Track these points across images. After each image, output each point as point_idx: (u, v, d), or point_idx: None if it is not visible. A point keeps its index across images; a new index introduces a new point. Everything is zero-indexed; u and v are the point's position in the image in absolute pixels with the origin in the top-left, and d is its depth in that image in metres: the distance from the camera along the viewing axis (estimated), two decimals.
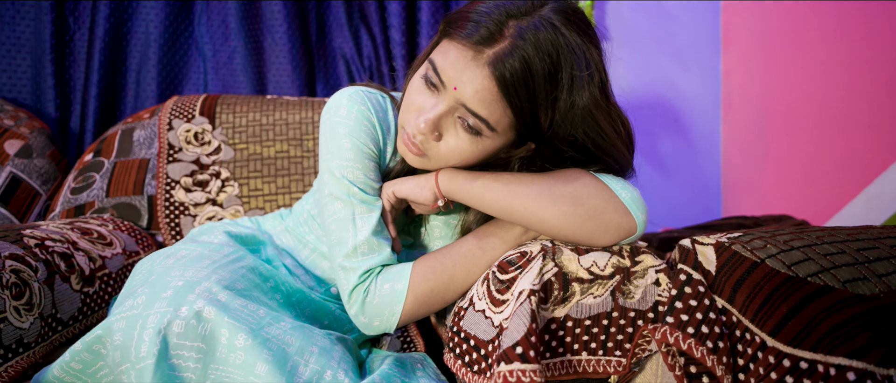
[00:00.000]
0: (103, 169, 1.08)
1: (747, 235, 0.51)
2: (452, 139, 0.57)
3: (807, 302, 0.42)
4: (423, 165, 0.61)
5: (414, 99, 0.59)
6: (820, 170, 1.31)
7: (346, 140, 0.62)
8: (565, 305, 0.51)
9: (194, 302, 0.50)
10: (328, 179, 0.63)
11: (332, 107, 0.64)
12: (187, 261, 0.58)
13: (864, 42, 1.22)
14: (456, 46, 0.55)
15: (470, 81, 0.53)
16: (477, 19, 0.54)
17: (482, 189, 0.59)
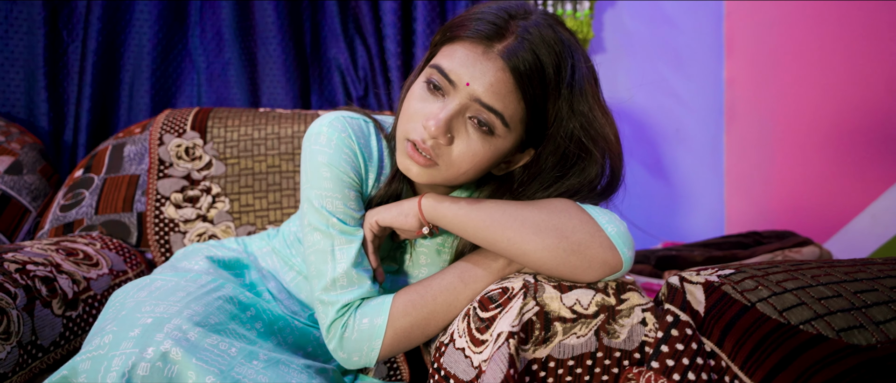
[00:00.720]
0: (93, 185, 1.07)
1: (739, 273, 0.49)
2: (464, 141, 0.55)
3: (798, 353, 0.40)
4: (430, 178, 0.57)
5: (417, 107, 0.57)
6: (826, 184, 1.27)
7: (326, 169, 0.60)
8: (547, 345, 0.49)
9: (162, 342, 0.49)
10: (308, 209, 0.61)
11: (313, 135, 0.62)
12: (160, 294, 0.56)
13: (871, 53, 1.18)
14: (463, 46, 0.55)
15: (483, 74, 0.54)
16: (482, 18, 0.55)
17: (466, 216, 0.57)
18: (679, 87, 1.59)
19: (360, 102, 1.40)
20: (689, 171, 1.61)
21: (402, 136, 0.58)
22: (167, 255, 1.04)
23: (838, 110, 1.25)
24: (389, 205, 0.62)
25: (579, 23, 1.35)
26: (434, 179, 0.57)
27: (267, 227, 1.10)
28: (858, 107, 1.21)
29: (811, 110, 1.34)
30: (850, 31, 1.24)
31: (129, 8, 1.30)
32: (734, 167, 1.57)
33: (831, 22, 1.29)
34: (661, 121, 1.59)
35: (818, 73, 1.32)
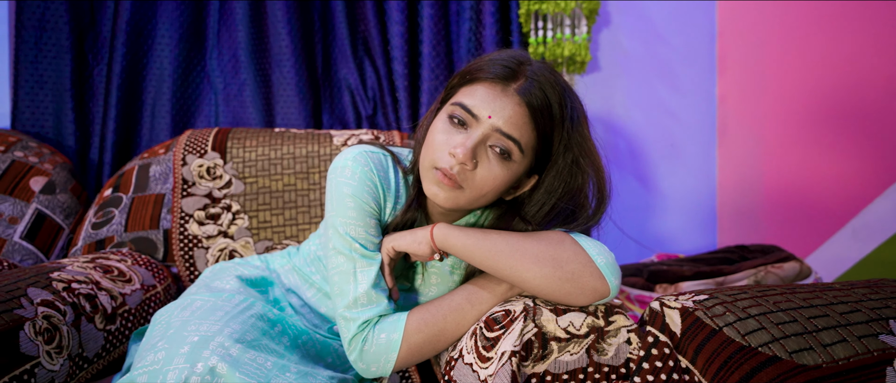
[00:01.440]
0: (122, 204, 1.14)
1: (711, 299, 0.56)
2: (486, 167, 0.64)
3: (756, 372, 0.47)
4: (455, 201, 0.65)
5: (442, 139, 0.65)
6: (811, 200, 1.34)
7: (350, 199, 0.67)
8: (544, 362, 0.56)
9: (209, 358, 0.56)
10: (332, 235, 0.68)
11: (339, 168, 0.70)
12: (202, 314, 0.64)
13: (856, 75, 1.25)
14: (483, 85, 0.65)
15: (502, 109, 0.63)
16: (497, 63, 0.66)
17: (473, 246, 0.64)
18: (673, 103, 1.67)
19: (369, 121, 1.47)
20: (682, 185, 1.68)
21: (429, 166, 0.65)
22: (191, 269, 1.11)
23: (823, 130, 1.32)
24: (404, 232, 0.70)
25: (577, 46, 1.43)
26: (458, 202, 0.65)
27: (283, 242, 1.17)
28: (841, 127, 1.28)
29: (798, 128, 1.41)
30: (837, 53, 1.31)
31: (152, 33, 1.37)
32: (726, 181, 1.64)
33: (819, 43, 1.36)
34: (656, 136, 1.66)
35: (806, 91, 1.39)
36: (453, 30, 1.47)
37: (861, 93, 1.23)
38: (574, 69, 1.49)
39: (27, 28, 1.30)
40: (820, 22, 1.35)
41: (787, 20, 1.44)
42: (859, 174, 1.21)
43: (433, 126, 0.67)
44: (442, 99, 0.71)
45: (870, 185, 1.18)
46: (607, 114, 1.64)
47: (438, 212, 0.73)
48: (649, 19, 1.63)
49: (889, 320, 0.52)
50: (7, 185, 1.09)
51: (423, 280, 0.75)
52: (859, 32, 1.25)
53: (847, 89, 1.27)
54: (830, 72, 1.32)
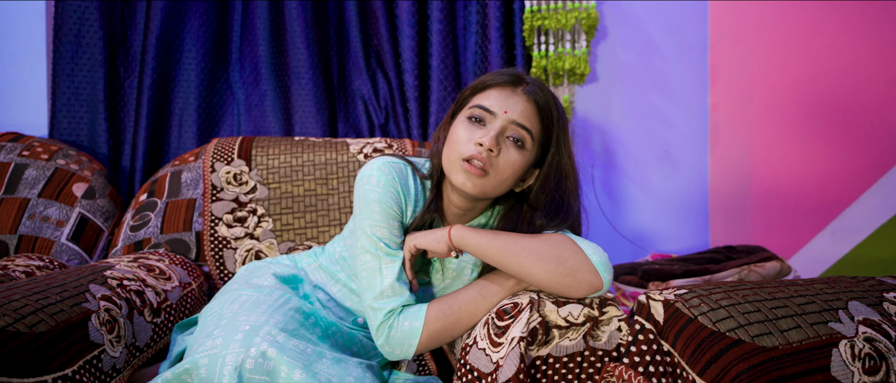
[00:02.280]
0: (157, 208, 1.24)
1: (690, 293, 0.65)
2: (505, 154, 0.75)
3: (724, 352, 0.57)
4: (481, 187, 0.75)
5: (465, 135, 0.76)
6: (795, 203, 1.44)
7: (376, 205, 0.77)
8: (547, 346, 0.66)
9: (260, 344, 0.65)
10: (360, 235, 0.78)
11: (365, 177, 0.80)
12: (249, 306, 0.73)
13: (835, 89, 1.35)
14: (495, 90, 0.78)
15: (515, 104, 0.76)
16: (504, 74, 0.80)
17: (486, 245, 0.74)
18: (667, 111, 1.76)
19: (382, 130, 1.57)
20: (676, 188, 1.77)
21: (455, 159, 0.76)
22: (221, 268, 1.21)
23: (806, 138, 1.42)
24: (425, 231, 0.79)
25: (577, 59, 1.52)
26: (484, 188, 0.75)
27: (305, 243, 1.27)
28: (823, 135, 1.37)
29: (784, 135, 1.50)
30: (819, 66, 1.40)
31: (180, 48, 1.47)
32: (717, 185, 1.73)
33: (804, 56, 1.45)
34: (652, 143, 1.76)
35: (792, 101, 1.48)
36: (460, 44, 1.57)
37: (840, 104, 1.33)
38: (574, 80, 1.59)
39: (65, 44, 1.40)
40: (806, 34, 1.44)
41: (776, 32, 1.53)
42: (838, 180, 1.30)
43: (454, 129, 0.79)
44: (454, 110, 0.82)
45: (847, 190, 1.28)
46: (605, 122, 1.74)
47: (453, 214, 0.83)
48: (644, 32, 1.72)
49: (839, 310, 0.62)
50: (53, 191, 1.18)
51: (441, 275, 0.85)
52: (839, 46, 1.34)
53: (828, 101, 1.36)
54: (813, 84, 1.41)
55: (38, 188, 1.17)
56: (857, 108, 1.30)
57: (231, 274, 1.20)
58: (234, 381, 0.62)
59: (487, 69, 1.56)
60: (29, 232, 1.12)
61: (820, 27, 1.40)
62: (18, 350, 0.63)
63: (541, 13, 1.50)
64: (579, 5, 1.49)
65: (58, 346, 0.68)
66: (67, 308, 0.74)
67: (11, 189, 1.15)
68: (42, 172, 1.20)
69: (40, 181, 1.18)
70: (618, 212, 1.73)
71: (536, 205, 0.78)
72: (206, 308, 0.79)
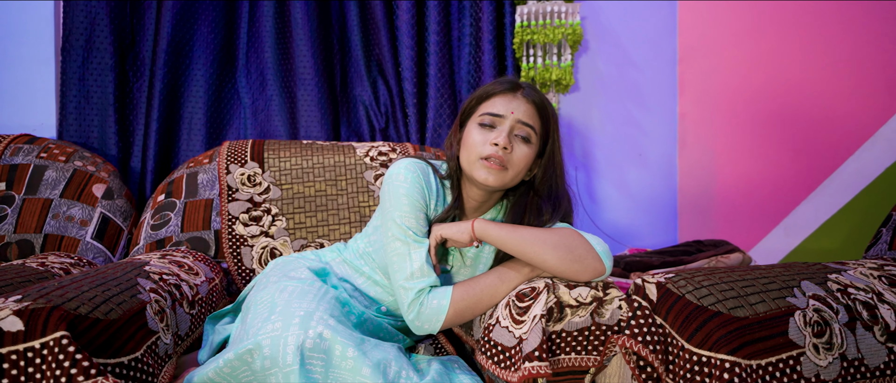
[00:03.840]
0: (176, 208, 1.30)
1: (677, 276, 0.79)
2: (517, 150, 0.89)
3: (706, 321, 0.71)
4: (502, 180, 0.89)
5: (479, 138, 0.89)
6: (753, 202, 1.63)
7: (405, 198, 0.89)
8: (561, 323, 0.78)
9: (316, 326, 0.75)
10: (391, 225, 0.89)
11: (394, 175, 0.91)
12: (298, 295, 0.83)
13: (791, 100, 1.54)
14: (498, 97, 0.91)
15: (519, 106, 0.90)
16: (503, 83, 0.93)
17: (505, 236, 0.86)
18: (641, 119, 1.93)
19: (382, 134, 1.66)
20: (649, 188, 1.94)
21: (475, 159, 0.89)
22: (239, 265, 1.28)
23: (763, 146, 1.61)
24: (450, 223, 0.91)
25: (563, 71, 1.66)
26: (504, 181, 0.89)
27: (316, 241, 1.36)
28: (778, 141, 1.56)
29: (744, 141, 1.69)
30: (777, 81, 1.59)
31: (189, 54, 1.52)
32: (685, 186, 1.91)
33: (763, 71, 1.64)
34: (627, 146, 1.92)
35: (751, 111, 1.67)
36: (455, 54, 1.68)
37: (791, 115, 1.52)
38: (560, 90, 1.73)
39: (74, 47, 1.44)
40: (764, 52, 1.63)
41: (738, 49, 1.72)
42: (789, 181, 1.49)
43: (467, 134, 0.92)
44: (461, 120, 0.96)
45: (797, 191, 1.46)
46: (586, 127, 1.89)
47: (471, 207, 0.96)
48: (621, 47, 1.89)
49: (794, 288, 0.77)
50: (74, 191, 1.23)
51: (460, 262, 0.97)
52: (793, 64, 1.53)
53: (781, 112, 1.55)
54: (769, 96, 1.60)
55: (59, 189, 1.22)
56: (806, 118, 1.49)
57: (248, 270, 1.28)
58: (297, 358, 0.72)
59: (480, 78, 1.68)
60: (54, 231, 1.17)
61: (777, 45, 1.59)
62: (100, 334, 0.71)
63: (530, 28, 1.64)
64: (565, 22, 1.63)
65: (128, 332, 0.76)
66: (127, 298, 0.82)
67: (33, 190, 1.19)
68: (61, 174, 1.24)
69: (61, 182, 1.23)
70: (597, 210, 1.89)
71: (540, 190, 0.93)
72: (251, 298, 0.88)
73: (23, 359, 0.63)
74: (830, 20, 1.44)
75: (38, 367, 0.63)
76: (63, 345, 0.64)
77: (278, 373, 0.72)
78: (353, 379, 0.73)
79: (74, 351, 0.64)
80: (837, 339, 0.72)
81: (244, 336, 0.80)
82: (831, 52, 1.42)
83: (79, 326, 0.68)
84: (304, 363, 0.72)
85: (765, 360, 0.69)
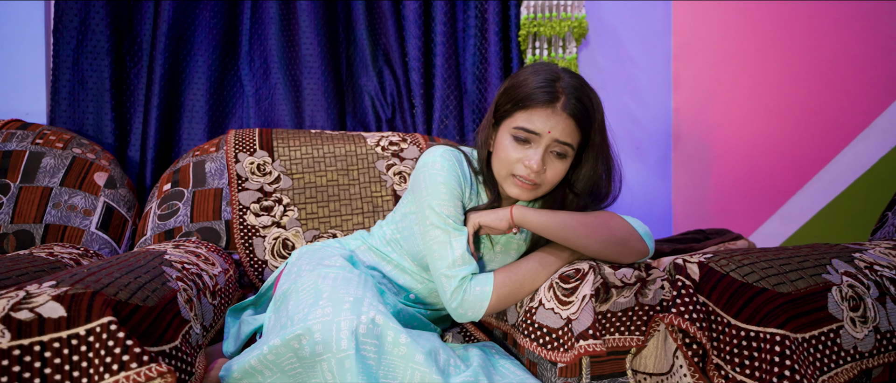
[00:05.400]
0: (184, 197, 1.25)
1: (716, 256, 0.81)
2: (551, 167, 0.85)
3: (753, 298, 0.73)
4: (533, 195, 0.86)
5: (513, 154, 0.85)
6: (749, 192, 1.69)
7: (443, 186, 0.87)
8: (606, 303, 0.79)
9: (368, 312, 0.73)
10: (429, 213, 0.87)
11: (430, 163, 0.90)
12: (342, 282, 0.81)
13: (783, 94, 1.60)
14: (536, 111, 0.83)
15: (557, 124, 0.83)
16: (540, 89, 0.83)
17: (546, 223, 0.86)
18: (638, 113, 1.98)
19: (389, 124, 1.65)
20: (645, 181, 1.99)
21: (506, 175, 0.87)
22: (251, 256, 1.24)
23: (757, 136, 1.67)
24: (487, 210, 0.90)
25: (567, 63, 1.68)
26: (536, 195, 0.87)
27: (329, 232, 1.33)
28: (773, 135, 1.62)
29: (737, 134, 1.75)
30: (770, 76, 1.66)
31: (191, 39, 1.47)
32: (680, 178, 1.97)
33: (756, 67, 1.70)
34: (624, 140, 1.96)
35: (744, 105, 1.73)
36: (461, 45, 1.68)
37: (785, 107, 1.58)
38: None
39: (68, 29, 1.36)
40: (758, 48, 1.69)
41: (732, 45, 1.78)
42: (786, 171, 1.56)
43: (500, 142, 0.88)
44: (496, 116, 0.90)
45: (793, 180, 1.53)
46: None
47: (507, 202, 0.94)
48: (620, 42, 1.93)
49: (826, 265, 0.80)
50: (75, 180, 1.16)
51: (491, 249, 0.96)
52: (785, 58, 1.60)
53: (777, 105, 1.62)
54: (763, 91, 1.67)
55: (58, 177, 1.15)
56: (801, 111, 1.56)
57: (260, 261, 1.24)
58: (353, 343, 0.70)
59: (486, 70, 1.68)
60: (56, 221, 1.11)
61: (770, 41, 1.66)
62: (142, 321, 0.67)
63: (537, 21, 1.65)
64: (571, 15, 1.66)
65: (166, 320, 0.72)
66: (159, 286, 0.78)
67: (29, 177, 1.13)
68: (60, 161, 1.17)
69: (60, 170, 1.16)
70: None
71: (578, 188, 0.91)
72: (287, 286, 0.85)
73: (67, 347, 0.60)
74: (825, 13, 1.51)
75: (83, 355, 0.60)
76: (112, 331, 0.60)
77: (331, 359, 0.70)
78: (406, 365, 0.72)
79: (124, 337, 0.60)
80: (871, 313, 0.76)
81: (287, 323, 0.78)
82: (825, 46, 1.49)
83: (121, 312, 0.65)
84: (360, 348, 0.70)
85: (808, 334, 0.72)
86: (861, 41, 1.42)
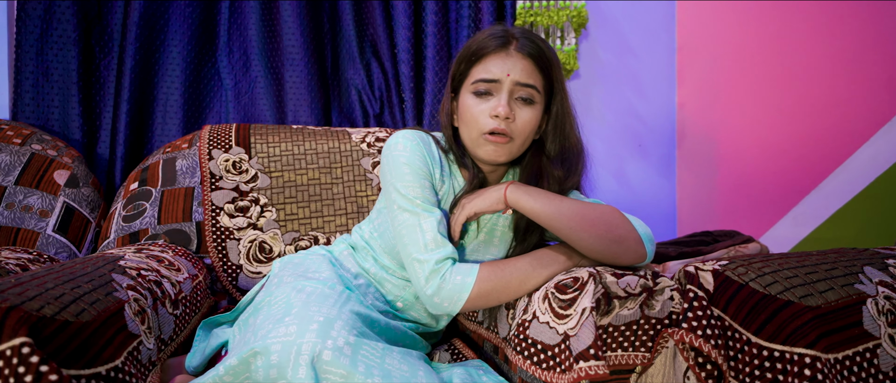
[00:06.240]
0: (152, 197, 1.16)
1: (732, 264, 0.72)
2: (520, 115, 0.79)
3: (777, 312, 0.64)
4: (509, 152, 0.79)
5: (477, 110, 0.79)
6: (759, 192, 1.59)
7: (406, 166, 0.80)
8: (608, 316, 0.70)
9: (336, 337, 0.64)
10: (396, 197, 0.80)
11: (392, 145, 0.83)
12: (317, 299, 0.71)
13: (795, 85, 1.51)
14: (490, 58, 0.79)
15: (514, 65, 0.79)
16: (492, 37, 0.81)
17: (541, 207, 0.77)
18: (640, 108, 1.88)
19: (377, 120, 1.55)
20: (648, 179, 1.90)
21: (477, 135, 0.80)
22: (225, 260, 1.15)
23: (767, 133, 1.58)
24: (477, 194, 0.81)
25: (567, 55, 1.59)
26: (512, 151, 0.79)
27: (310, 234, 1.24)
28: (783, 131, 1.53)
29: (746, 130, 1.66)
30: (778, 66, 1.56)
31: (164, 29, 1.38)
32: (684, 176, 1.88)
33: (765, 59, 1.61)
34: (626, 137, 1.87)
35: (753, 101, 1.64)
36: (453, 36, 1.59)
37: (799, 101, 1.49)
38: None
39: (32, 18, 1.27)
40: (767, 39, 1.60)
41: (739, 37, 1.69)
42: (798, 170, 1.46)
43: (463, 105, 0.82)
44: (453, 86, 0.86)
45: (806, 179, 1.44)
46: (586, 116, 1.83)
47: (487, 172, 0.87)
48: (621, 34, 1.83)
49: (858, 274, 0.71)
50: (32, 179, 1.07)
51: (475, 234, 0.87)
52: (798, 50, 1.50)
53: (789, 100, 1.52)
54: (774, 84, 1.57)
55: (13, 175, 1.06)
56: (816, 106, 1.47)
57: (235, 265, 1.15)
58: (310, 373, 0.60)
59: None
60: (8, 223, 1.02)
61: (781, 31, 1.56)
62: (71, 340, 0.58)
63: (533, 10, 1.56)
64: (570, 4, 1.56)
65: (104, 336, 0.63)
66: (102, 297, 0.69)
67: None
68: (16, 158, 1.08)
69: (16, 167, 1.07)
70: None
71: (551, 151, 0.83)
72: (262, 297, 0.76)
73: None
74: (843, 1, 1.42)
75: None
76: (24, 355, 0.51)
77: None
78: None
79: (39, 361, 0.51)
80: None
81: (251, 338, 0.69)
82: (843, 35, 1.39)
83: (43, 331, 0.55)
84: (318, 379, 0.61)
85: (841, 353, 0.62)
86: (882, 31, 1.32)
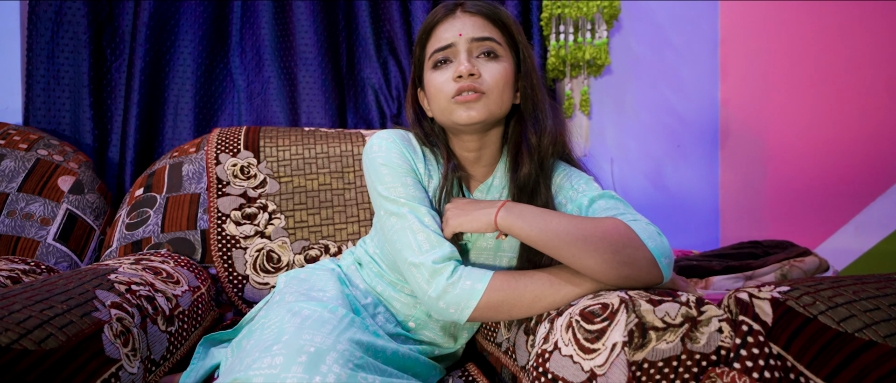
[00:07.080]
0: (156, 204, 1.11)
1: (795, 290, 0.60)
2: (487, 71, 0.74)
3: (856, 355, 0.52)
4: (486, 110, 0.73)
5: (441, 79, 0.75)
6: (813, 198, 1.43)
7: (383, 167, 0.75)
8: (643, 350, 0.60)
9: (326, 374, 0.55)
10: (380, 201, 0.74)
11: (368, 149, 0.79)
12: (313, 325, 0.63)
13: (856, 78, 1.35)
14: (439, 27, 0.76)
15: (464, 24, 0.75)
16: (440, 8, 0.77)
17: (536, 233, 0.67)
18: (679, 106, 1.74)
19: (394, 121, 1.48)
20: (687, 183, 1.75)
21: (446, 103, 0.74)
22: (230, 271, 1.10)
23: (824, 131, 1.42)
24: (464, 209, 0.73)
25: (598, 49, 1.47)
26: (489, 109, 0.73)
27: (320, 243, 1.17)
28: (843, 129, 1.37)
29: (799, 129, 1.50)
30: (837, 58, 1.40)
31: (175, 30, 1.34)
32: (728, 180, 1.72)
33: (817, 51, 1.45)
34: (663, 137, 1.73)
35: (806, 96, 1.48)
36: None
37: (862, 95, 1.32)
38: (592, 72, 1.54)
39: (43, 21, 1.25)
40: (821, 26, 1.44)
41: (788, 27, 1.53)
42: (861, 174, 1.30)
43: (428, 85, 0.77)
44: (415, 72, 0.81)
45: (870, 183, 1.28)
46: (619, 115, 1.70)
47: (470, 161, 0.81)
48: (657, 25, 1.70)
49: None
50: (35, 185, 1.04)
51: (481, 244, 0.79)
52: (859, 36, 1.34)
53: (848, 92, 1.36)
54: (831, 76, 1.41)
55: (17, 181, 1.03)
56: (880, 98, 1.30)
57: (241, 276, 1.10)
58: None
59: None
60: (8, 231, 0.99)
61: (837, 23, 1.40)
62: (29, 371, 0.52)
63: (561, 1, 1.45)
64: None
65: (73, 364, 0.57)
66: (77, 318, 0.63)
67: None
68: (21, 164, 1.06)
69: (20, 173, 1.04)
70: None
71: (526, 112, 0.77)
72: (261, 320, 0.69)
73: None
74: None
75: None
76: None
77: None
78: None
79: None
80: None
81: (237, 364, 0.61)
82: None
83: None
84: None
85: None
86: None
